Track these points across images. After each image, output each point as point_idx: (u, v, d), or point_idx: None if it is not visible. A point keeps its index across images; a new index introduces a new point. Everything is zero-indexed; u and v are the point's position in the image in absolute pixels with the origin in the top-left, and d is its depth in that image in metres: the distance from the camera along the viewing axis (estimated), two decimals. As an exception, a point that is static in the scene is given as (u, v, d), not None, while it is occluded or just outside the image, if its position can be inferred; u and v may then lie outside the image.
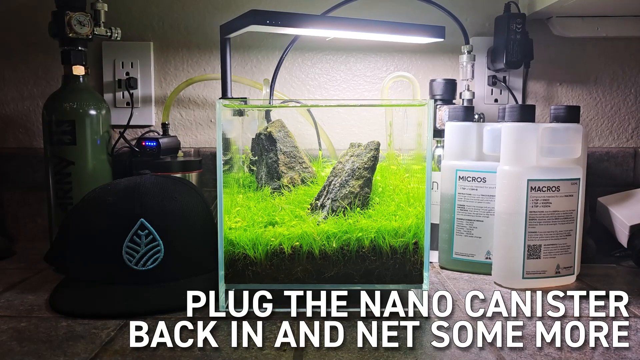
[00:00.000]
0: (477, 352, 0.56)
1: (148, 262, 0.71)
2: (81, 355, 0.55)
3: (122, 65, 1.06)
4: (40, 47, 1.06)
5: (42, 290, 0.76)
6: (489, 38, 1.06)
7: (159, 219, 0.72)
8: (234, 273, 0.68)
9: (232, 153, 0.76)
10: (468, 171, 0.85)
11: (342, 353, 0.56)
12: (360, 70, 1.09)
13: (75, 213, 0.77)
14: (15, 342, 0.59)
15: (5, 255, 0.95)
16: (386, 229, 0.67)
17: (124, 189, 0.75)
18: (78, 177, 0.90)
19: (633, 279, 0.83)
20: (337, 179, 0.73)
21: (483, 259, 0.84)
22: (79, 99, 0.90)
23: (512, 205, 0.76)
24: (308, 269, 0.67)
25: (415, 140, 0.74)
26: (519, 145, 0.76)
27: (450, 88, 0.97)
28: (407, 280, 0.68)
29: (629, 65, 1.10)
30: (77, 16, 0.89)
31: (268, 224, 0.70)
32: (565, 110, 0.78)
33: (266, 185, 0.79)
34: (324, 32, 0.87)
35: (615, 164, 1.10)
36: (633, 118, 1.11)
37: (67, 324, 0.64)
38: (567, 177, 0.76)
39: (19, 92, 1.08)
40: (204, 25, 1.06)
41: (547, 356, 0.56)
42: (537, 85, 1.10)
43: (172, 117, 1.08)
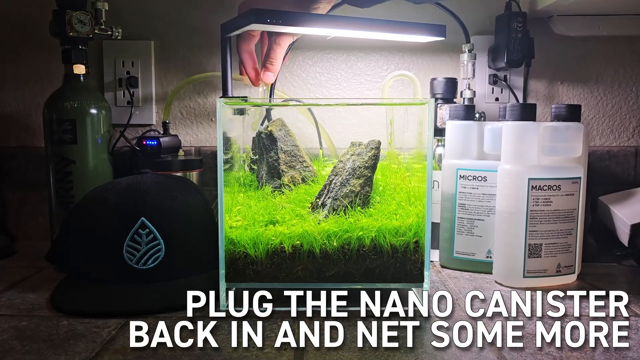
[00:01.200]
0: (477, 352, 0.56)
1: (149, 261, 0.71)
2: (82, 354, 0.56)
3: (123, 64, 1.06)
4: (41, 46, 1.06)
5: (43, 289, 0.76)
6: (489, 37, 1.06)
7: (159, 218, 0.72)
8: (234, 272, 0.68)
9: (233, 152, 0.77)
10: (469, 170, 0.85)
11: (343, 353, 0.56)
12: (361, 69, 1.08)
13: (76, 212, 0.77)
14: (16, 341, 0.59)
15: (7, 254, 0.95)
16: (387, 228, 0.67)
17: (125, 188, 0.75)
18: (79, 176, 0.90)
19: (634, 278, 0.83)
20: (337, 178, 0.72)
21: (484, 258, 0.84)
22: (79, 98, 0.91)
23: (513, 204, 0.76)
24: (309, 268, 0.67)
25: (416, 139, 0.74)
26: (520, 144, 0.76)
27: (451, 87, 0.97)
28: (407, 279, 0.68)
29: (630, 64, 1.09)
30: (77, 15, 0.89)
31: (269, 223, 0.70)
32: (566, 109, 0.78)
33: (267, 184, 0.79)
34: (325, 31, 0.87)
35: (617, 162, 1.09)
36: (634, 117, 1.11)
37: (68, 322, 0.64)
38: (568, 176, 0.76)
39: (20, 91, 1.08)
40: (205, 24, 1.06)
41: (548, 356, 0.56)
42: (538, 84, 1.10)
43: (173, 116, 1.08)
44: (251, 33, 0.84)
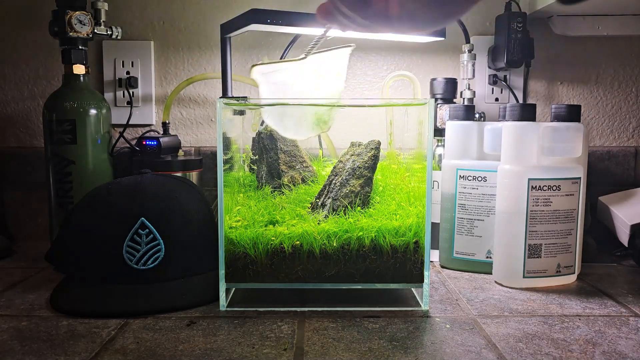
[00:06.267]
0: (477, 352, 0.56)
1: (148, 261, 0.71)
2: (82, 354, 0.55)
3: (123, 65, 1.06)
4: (41, 46, 1.06)
5: (43, 289, 0.76)
6: (489, 37, 1.06)
7: (159, 218, 0.72)
8: (234, 272, 0.68)
9: (233, 152, 0.76)
10: (469, 170, 0.85)
11: (343, 352, 0.56)
12: (361, 70, 1.08)
13: (76, 212, 0.77)
14: (16, 341, 0.59)
15: (6, 255, 0.95)
16: (387, 228, 0.67)
17: (125, 188, 0.75)
18: (78, 177, 0.90)
19: (634, 278, 0.83)
20: (337, 178, 0.72)
21: (484, 258, 0.84)
22: (79, 98, 0.91)
23: (512, 204, 0.76)
24: (308, 268, 0.67)
25: (416, 139, 0.74)
26: (520, 144, 0.76)
27: (450, 87, 0.97)
28: (407, 280, 0.68)
29: (630, 64, 1.09)
30: (77, 15, 0.89)
31: (268, 223, 0.70)
32: (566, 109, 0.78)
33: (267, 184, 0.79)
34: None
35: (616, 163, 1.09)
36: (634, 117, 1.11)
37: (67, 323, 0.64)
38: (568, 176, 0.76)
39: (20, 91, 1.08)
40: (205, 24, 1.06)
41: (548, 356, 0.56)
42: (537, 84, 1.10)
43: (173, 116, 1.08)
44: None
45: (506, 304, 0.71)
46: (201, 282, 0.72)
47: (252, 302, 0.70)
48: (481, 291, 0.76)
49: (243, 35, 1.04)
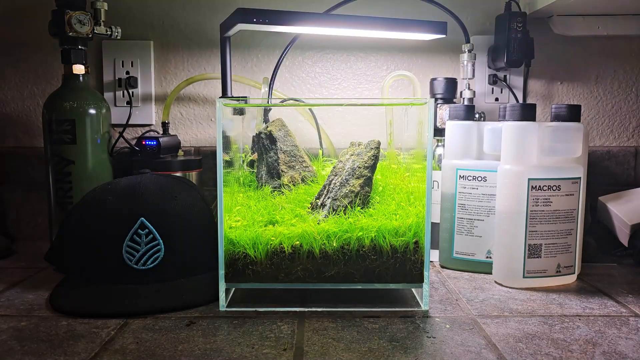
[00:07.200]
0: (477, 352, 0.56)
1: (148, 261, 0.71)
2: (81, 354, 0.55)
3: (122, 64, 1.06)
4: (40, 46, 1.06)
5: (43, 289, 0.76)
6: (489, 37, 1.06)
7: (159, 219, 0.72)
8: (234, 272, 0.67)
9: (233, 152, 0.76)
10: (469, 170, 0.84)
11: (343, 352, 0.56)
12: (361, 69, 1.08)
13: (76, 212, 0.77)
14: (15, 341, 0.59)
15: (6, 255, 0.95)
16: (387, 228, 0.67)
17: (124, 188, 0.75)
18: (78, 177, 0.90)
19: (634, 278, 0.83)
20: (337, 178, 0.72)
21: (484, 258, 0.84)
22: (79, 98, 0.90)
23: (512, 204, 0.76)
24: (308, 268, 0.67)
25: (416, 139, 0.74)
26: (520, 144, 0.76)
27: (450, 87, 0.97)
28: (407, 280, 0.68)
29: (630, 64, 1.09)
30: (77, 15, 0.89)
31: (268, 223, 0.70)
32: (566, 109, 0.78)
33: (266, 184, 0.79)
34: (325, 31, 0.86)
35: (616, 163, 1.09)
36: (634, 117, 1.11)
37: (67, 323, 0.64)
38: (568, 176, 0.76)
39: (19, 91, 1.08)
40: (204, 24, 1.06)
41: (548, 356, 0.56)
42: (537, 84, 1.10)
43: (172, 116, 1.08)
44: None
45: (506, 304, 0.70)
46: (201, 282, 0.72)
47: (251, 302, 0.70)
48: (481, 291, 0.76)
49: (243, 35, 1.04)
